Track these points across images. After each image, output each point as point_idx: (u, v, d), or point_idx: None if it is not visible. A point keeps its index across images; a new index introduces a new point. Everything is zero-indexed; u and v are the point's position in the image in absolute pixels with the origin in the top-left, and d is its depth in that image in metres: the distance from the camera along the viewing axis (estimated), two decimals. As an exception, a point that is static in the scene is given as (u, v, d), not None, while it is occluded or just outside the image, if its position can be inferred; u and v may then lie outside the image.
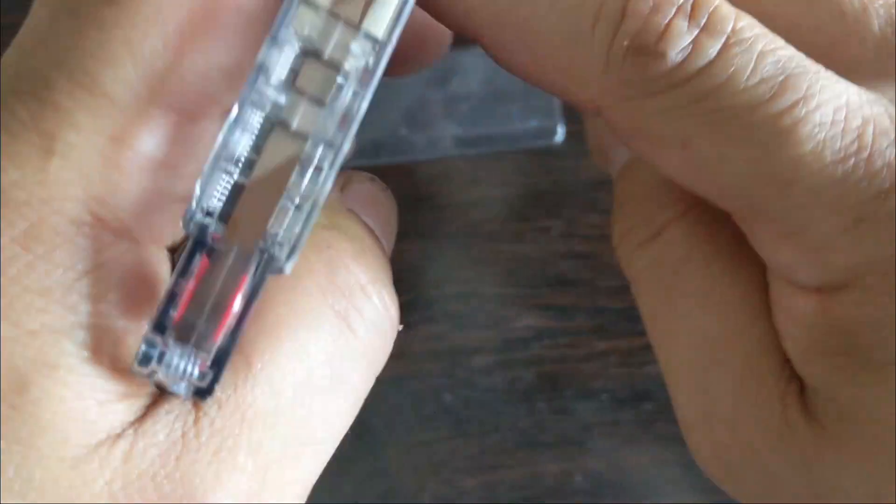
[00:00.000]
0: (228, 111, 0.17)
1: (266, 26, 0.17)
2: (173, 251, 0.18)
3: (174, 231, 0.18)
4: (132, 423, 0.17)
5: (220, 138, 0.16)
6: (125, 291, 0.17)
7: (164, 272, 0.18)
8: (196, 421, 0.17)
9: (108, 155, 0.16)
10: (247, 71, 0.17)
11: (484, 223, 0.40)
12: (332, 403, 0.19)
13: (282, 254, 0.16)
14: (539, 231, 0.40)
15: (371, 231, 0.21)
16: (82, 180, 0.16)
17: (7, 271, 0.16)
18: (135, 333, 0.17)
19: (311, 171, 0.16)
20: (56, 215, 0.16)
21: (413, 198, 0.40)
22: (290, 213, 0.16)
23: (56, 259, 0.16)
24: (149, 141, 0.17)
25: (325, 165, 0.16)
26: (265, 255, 0.16)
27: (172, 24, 0.16)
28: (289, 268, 0.16)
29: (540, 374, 0.38)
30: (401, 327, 0.21)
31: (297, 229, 0.16)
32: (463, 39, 0.22)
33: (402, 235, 0.33)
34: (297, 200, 0.16)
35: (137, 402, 0.17)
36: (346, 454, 0.38)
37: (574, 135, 0.39)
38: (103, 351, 0.16)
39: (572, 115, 0.39)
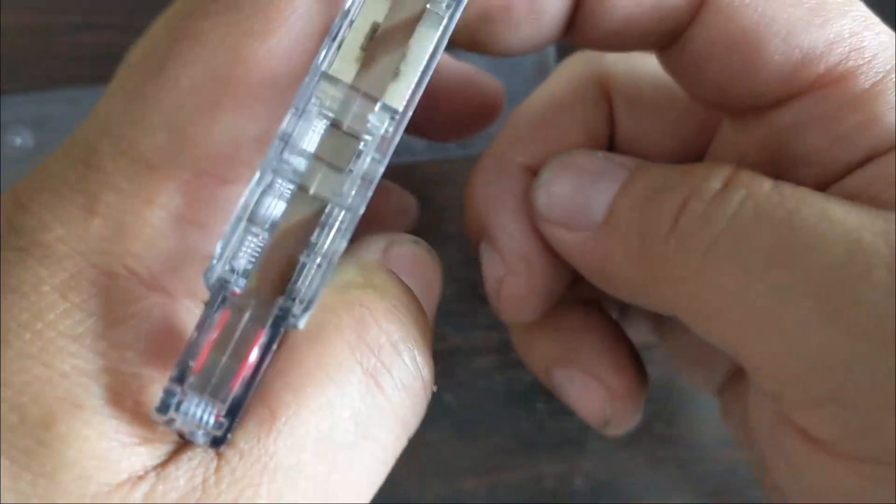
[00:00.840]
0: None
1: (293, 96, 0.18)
2: None
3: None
4: (154, 467, 0.17)
5: (241, 201, 0.17)
6: (153, 342, 0.18)
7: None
8: (217, 469, 0.17)
9: (144, 215, 0.18)
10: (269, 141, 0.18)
11: (484, 223, 0.40)
12: (356, 461, 0.19)
13: (297, 309, 0.17)
14: (539, 232, 0.40)
15: (409, 292, 0.22)
16: (119, 237, 0.17)
17: (45, 316, 0.17)
18: (159, 382, 0.18)
19: (327, 232, 0.17)
20: (93, 268, 0.17)
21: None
22: (307, 271, 0.17)
23: (90, 308, 0.17)
24: (182, 203, 0.18)
25: (343, 226, 0.17)
26: (281, 311, 0.17)
27: (206, 97, 0.17)
28: (303, 323, 0.17)
29: (540, 376, 0.39)
30: (435, 388, 0.21)
31: (312, 286, 0.17)
32: (461, 43, 0.22)
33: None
34: (313, 259, 0.17)
35: (161, 448, 0.18)
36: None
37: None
38: (127, 396, 0.17)
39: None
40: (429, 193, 0.40)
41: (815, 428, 0.20)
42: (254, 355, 0.17)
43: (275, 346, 0.17)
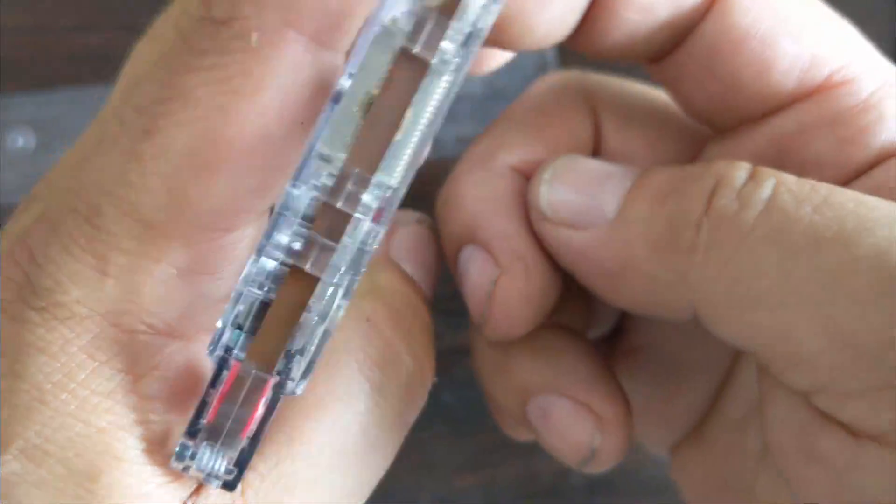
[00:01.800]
0: (260, 216, 0.19)
1: (290, 146, 0.18)
2: None
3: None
4: (188, 497, 0.19)
5: (240, 278, 0.18)
6: (176, 389, 0.19)
7: None
8: (242, 492, 0.19)
9: (154, 273, 0.19)
10: (276, 184, 0.19)
11: (482, 222, 0.40)
12: (366, 466, 0.21)
13: (296, 375, 0.18)
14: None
15: (412, 285, 0.23)
16: (133, 296, 0.19)
17: (77, 376, 0.18)
18: (182, 424, 0.19)
19: (322, 303, 0.18)
20: (114, 327, 0.19)
21: (413, 197, 0.40)
22: (303, 340, 0.18)
23: (116, 365, 0.19)
24: (188, 258, 0.19)
25: (338, 296, 0.18)
26: (280, 379, 0.18)
27: (201, 158, 0.18)
28: (301, 389, 0.18)
29: (536, 374, 0.39)
30: (435, 380, 0.22)
31: (308, 357, 0.18)
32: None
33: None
34: (309, 329, 0.18)
35: (190, 481, 0.19)
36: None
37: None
38: (158, 443, 0.19)
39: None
40: (428, 193, 0.40)
41: (867, 419, 0.20)
42: (259, 411, 0.18)
43: (278, 405, 0.18)
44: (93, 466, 0.18)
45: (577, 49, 0.24)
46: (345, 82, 0.17)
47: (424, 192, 0.41)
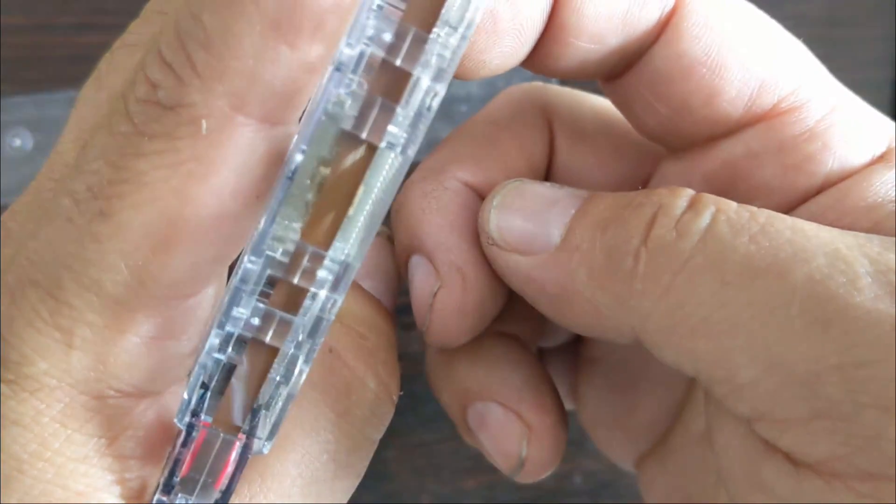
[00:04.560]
0: (221, 275, 0.20)
1: (248, 218, 0.19)
2: None
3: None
4: None
5: (201, 359, 0.19)
6: (148, 444, 0.20)
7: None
8: None
9: (119, 344, 0.19)
10: (236, 250, 0.19)
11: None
12: (336, 489, 0.22)
13: (262, 434, 0.19)
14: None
15: (372, 300, 0.24)
16: (99, 366, 0.19)
17: (51, 445, 0.19)
18: (157, 475, 0.20)
19: (284, 370, 0.19)
20: (83, 395, 0.19)
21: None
22: (267, 405, 0.19)
23: (89, 431, 0.20)
24: (151, 326, 0.19)
25: (299, 362, 0.19)
26: (247, 440, 0.19)
27: (159, 237, 0.18)
28: (266, 449, 0.19)
29: (540, 376, 0.39)
30: (400, 393, 0.23)
31: (273, 419, 0.19)
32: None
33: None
34: (274, 394, 0.19)
35: None
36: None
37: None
38: (135, 497, 0.20)
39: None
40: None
41: (805, 448, 0.20)
42: (230, 467, 0.19)
43: (246, 464, 0.20)
44: None
45: (532, 71, 0.25)
46: (297, 160, 0.18)
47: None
